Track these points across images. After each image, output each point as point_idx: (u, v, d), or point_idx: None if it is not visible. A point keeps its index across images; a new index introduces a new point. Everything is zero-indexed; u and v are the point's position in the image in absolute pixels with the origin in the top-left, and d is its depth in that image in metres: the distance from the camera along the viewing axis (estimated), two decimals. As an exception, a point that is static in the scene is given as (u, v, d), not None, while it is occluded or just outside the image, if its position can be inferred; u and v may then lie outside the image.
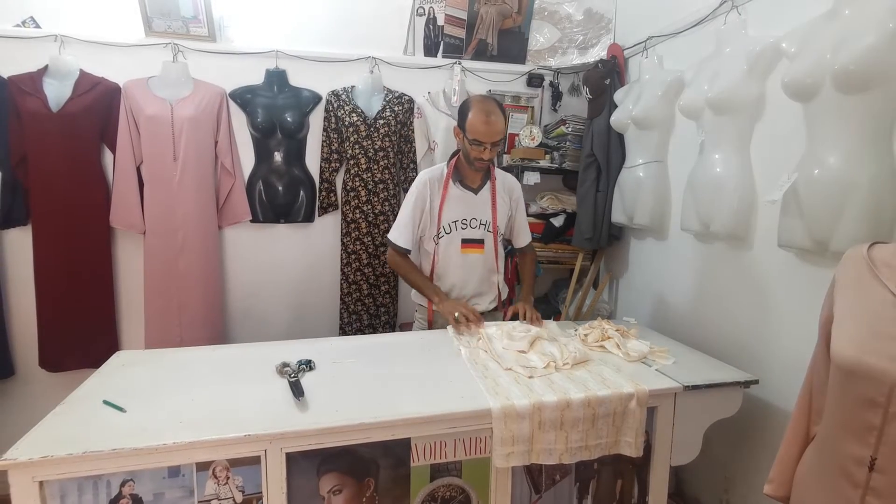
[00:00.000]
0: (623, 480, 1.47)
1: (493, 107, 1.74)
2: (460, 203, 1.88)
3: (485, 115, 1.71)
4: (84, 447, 1.04)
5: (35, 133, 2.16)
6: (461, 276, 1.91)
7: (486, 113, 1.71)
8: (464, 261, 1.90)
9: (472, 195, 1.89)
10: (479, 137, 1.72)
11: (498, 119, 1.73)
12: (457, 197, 1.87)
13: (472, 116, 1.72)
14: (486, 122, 1.71)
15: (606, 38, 2.73)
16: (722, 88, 1.72)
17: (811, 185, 1.40)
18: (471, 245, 1.90)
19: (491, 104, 1.75)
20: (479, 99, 1.78)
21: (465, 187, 1.88)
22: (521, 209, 2.04)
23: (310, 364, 1.49)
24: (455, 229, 1.88)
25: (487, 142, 1.73)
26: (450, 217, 1.87)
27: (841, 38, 1.33)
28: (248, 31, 2.47)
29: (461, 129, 1.78)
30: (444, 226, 1.87)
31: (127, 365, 1.49)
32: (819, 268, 1.51)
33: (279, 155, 2.49)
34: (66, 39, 2.25)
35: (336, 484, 1.22)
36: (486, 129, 1.71)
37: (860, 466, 0.86)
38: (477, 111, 1.72)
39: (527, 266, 2.11)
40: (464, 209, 1.88)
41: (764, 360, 1.70)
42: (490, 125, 1.71)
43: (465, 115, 1.74)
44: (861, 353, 0.87)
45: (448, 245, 1.89)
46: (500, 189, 1.94)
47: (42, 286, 2.24)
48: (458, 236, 1.88)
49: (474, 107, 1.73)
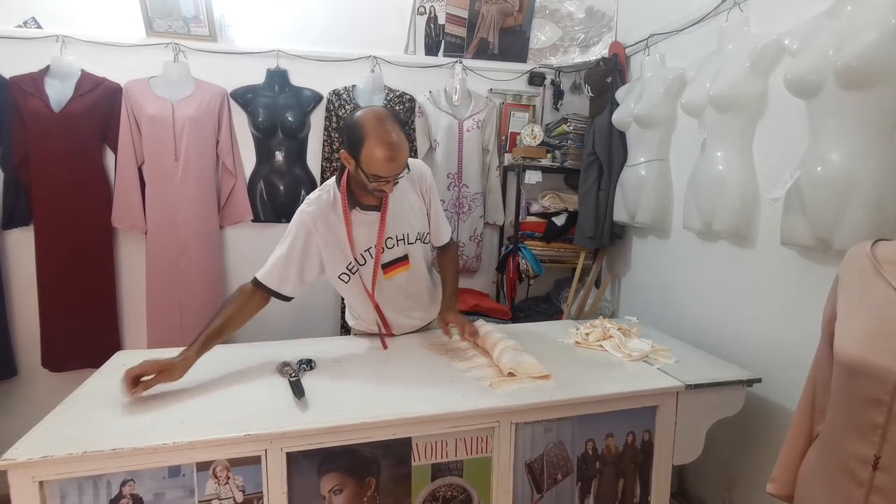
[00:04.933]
0: (625, 480, 1.47)
1: (394, 132, 1.36)
2: (366, 227, 1.54)
3: (386, 148, 1.34)
4: (84, 447, 1.04)
5: (37, 133, 2.16)
6: (397, 301, 1.67)
7: (387, 145, 1.34)
8: (392, 285, 1.63)
9: (377, 214, 1.54)
10: (380, 174, 1.37)
11: (401, 150, 1.37)
12: (361, 222, 1.53)
13: (369, 149, 1.34)
14: (388, 157, 1.34)
15: (608, 36, 2.72)
16: (724, 86, 1.71)
17: (814, 182, 1.39)
18: (393, 266, 1.60)
19: (390, 132, 1.35)
20: (375, 122, 1.35)
21: (367, 208, 1.53)
22: (436, 200, 1.68)
23: (310, 364, 1.49)
24: (369, 257, 1.56)
25: (388, 176, 1.39)
26: (360, 248, 1.54)
27: (843, 34, 1.33)
28: (248, 30, 2.47)
29: (352, 156, 1.38)
30: (358, 257, 1.54)
31: (127, 365, 1.48)
32: (822, 266, 1.50)
33: (280, 155, 2.49)
34: (67, 40, 2.25)
35: (337, 483, 1.22)
36: (387, 166, 1.36)
37: (864, 465, 0.86)
38: (375, 141, 1.33)
39: (450, 266, 1.79)
40: (370, 233, 1.54)
41: (767, 359, 1.69)
42: (394, 161, 1.35)
43: (359, 145, 1.35)
44: (865, 351, 0.86)
45: (369, 275, 1.57)
46: (407, 186, 1.60)
47: (44, 286, 2.25)
48: (373, 265, 1.57)
49: (371, 136, 1.34)
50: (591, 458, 1.43)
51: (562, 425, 1.38)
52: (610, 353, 1.65)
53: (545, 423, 1.36)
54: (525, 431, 1.34)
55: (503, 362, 1.46)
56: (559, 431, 1.38)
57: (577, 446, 1.41)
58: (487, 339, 1.62)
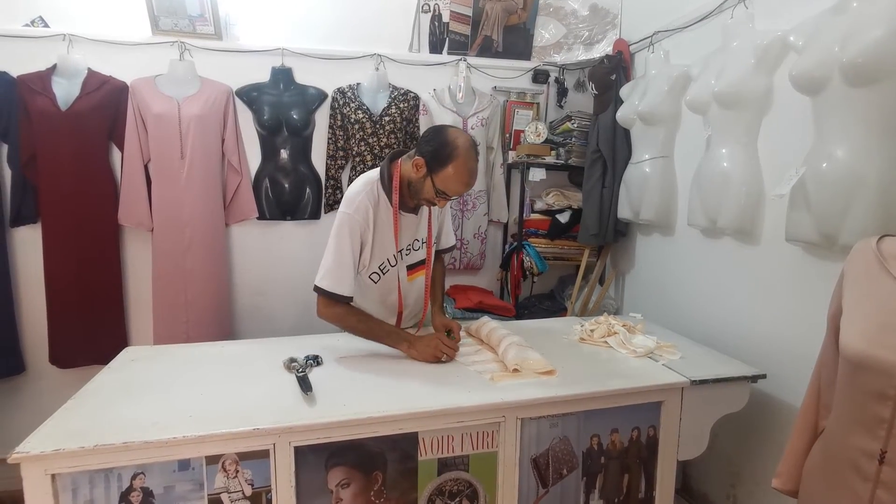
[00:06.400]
0: (630, 475, 1.48)
1: (476, 164, 1.48)
2: (406, 230, 1.64)
3: (469, 175, 1.46)
4: (95, 440, 1.05)
5: (44, 132, 2.17)
6: (410, 303, 1.75)
7: (470, 173, 1.46)
8: (412, 287, 1.72)
9: (414, 216, 1.65)
10: (450, 194, 1.48)
11: (475, 177, 1.50)
12: (403, 224, 1.62)
13: (455, 170, 1.43)
14: (467, 183, 1.47)
15: (612, 34, 2.72)
16: (729, 82, 1.71)
17: (819, 178, 1.39)
18: (416, 269, 1.70)
19: (475, 161, 1.48)
20: (468, 148, 1.45)
21: (407, 211, 1.62)
22: (446, 207, 1.79)
23: (317, 359, 1.50)
24: (401, 259, 1.66)
25: (454, 195, 1.51)
26: (400, 245, 1.64)
27: (849, 30, 1.32)
28: (253, 29, 2.47)
29: (430, 169, 1.45)
30: (390, 258, 1.63)
31: (136, 360, 1.51)
32: (827, 262, 1.50)
33: (285, 152, 2.50)
34: (74, 38, 2.26)
35: (344, 478, 1.23)
36: (461, 190, 1.49)
37: (870, 460, 0.86)
38: (462, 167, 1.43)
39: (441, 273, 1.87)
40: (409, 234, 1.65)
41: (771, 355, 1.69)
42: (468, 186, 1.48)
43: (445, 161, 1.43)
44: (870, 346, 0.87)
45: (395, 277, 1.66)
46: None
47: (52, 283, 2.26)
48: (403, 265, 1.67)
49: (460, 160, 1.43)
50: (596, 454, 1.43)
51: (567, 420, 1.38)
52: (615, 349, 1.66)
53: (551, 419, 1.36)
54: (531, 426, 1.35)
55: (508, 358, 1.47)
56: (564, 427, 1.39)
57: (583, 441, 1.42)
58: (493, 336, 1.63)
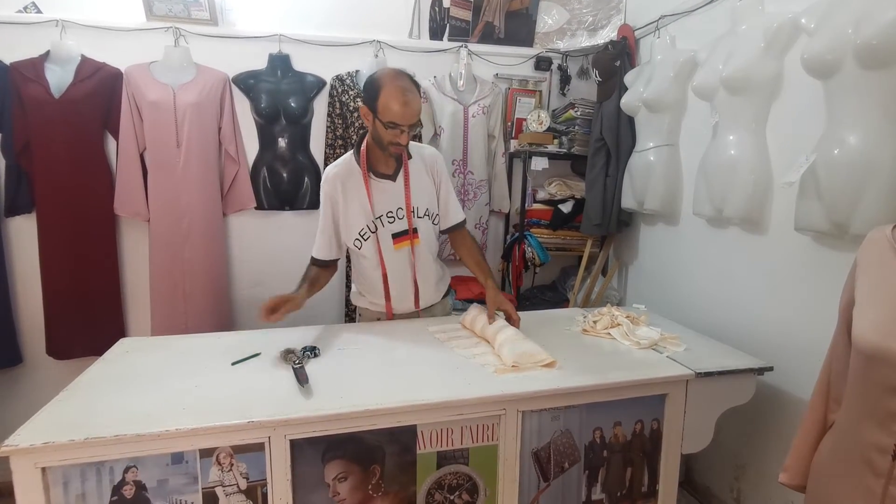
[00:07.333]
0: (633, 468, 1.45)
1: (408, 83, 1.52)
2: (382, 194, 1.64)
3: (400, 93, 1.48)
4: (86, 433, 1.03)
5: (38, 120, 2.14)
6: (402, 273, 1.71)
7: (401, 91, 1.48)
8: (399, 256, 1.68)
9: (391, 183, 1.65)
10: (396, 120, 1.48)
11: (415, 97, 1.51)
12: (376, 189, 1.63)
13: (386, 96, 1.48)
14: (402, 101, 1.47)
15: (616, 19, 2.66)
16: (737, 67, 1.67)
17: (831, 165, 1.35)
18: (403, 238, 1.67)
19: (405, 80, 1.52)
20: (392, 74, 1.52)
21: (381, 176, 1.64)
22: (447, 182, 1.76)
23: (314, 351, 1.47)
24: (382, 225, 1.65)
25: (405, 124, 1.50)
26: (377, 212, 1.64)
27: (863, 12, 1.28)
28: (250, 14, 2.43)
29: (371, 109, 1.52)
30: (369, 224, 1.64)
31: (131, 352, 1.48)
32: (837, 251, 1.47)
33: (283, 141, 2.46)
34: (67, 24, 2.22)
35: (341, 471, 1.21)
36: (402, 111, 1.48)
37: (883, 455, 0.84)
38: (391, 89, 1.48)
39: (469, 249, 1.83)
40: (387, 200, 1.64)
41: (778, 347, 1.66)
42: (407, 105, 1.48)
43: (376, 94, 1.49)
44: (884, 337, 0.84)
45: (377, 244, 1.66)
46: (419, 166, 1.69)
47: (48, 274, 2.24)
48: (387, 233, 1.65)
49: (387, 84, 1.49)
50: (598, 447, 1.41)
51: (569, 413, 1.36)
52: (618, 341, 1.63)
53: (552, 411, 1.34)
54: (532, 419, 1.32)
55: (504, 354, 1.43)
56: (566, 420, 1.36)
57: (585, 435, 1.39)
58: (487, 332, 1.59)
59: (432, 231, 1.75)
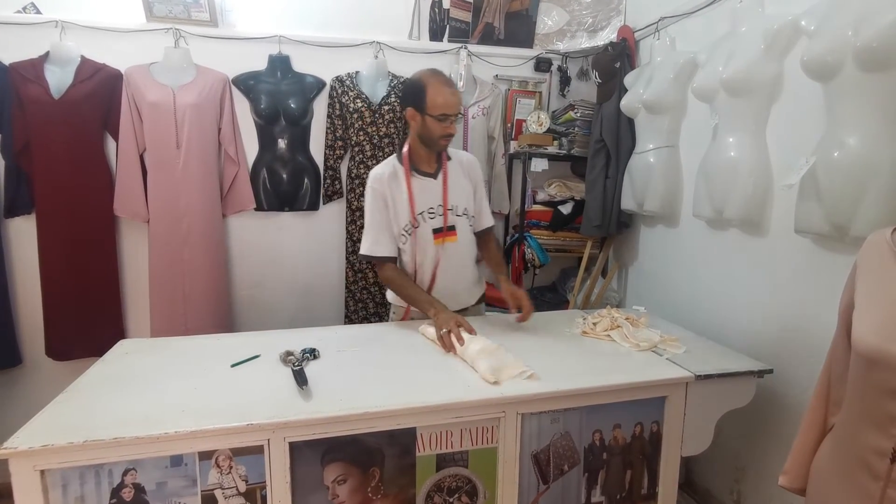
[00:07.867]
0: (633, 471, 1.45)
1: (446, 77, 1.67)
2: (423, 192, 1.73)
3: (445, 85, 1.63)
4: (85, 436, 1.03)
5: (37, 120, 2.13)
6: (442, 269, 1.77)
7: (445, 84, 1.63)
8: (440, 252, 1.76)
9: (432, 181, 1.75)
10: (447, 111, 1.61)
11: (456, 88, 1.68)
12: (419, 186, 1.73)
13: (434, 91, 1.61)
14: (449, 93, 1.62)
15: (616, 21, 2.66)
16: (737, 69, 1.66)
17: (831, 167, 1.35)
18: (442, 234, 1.76)
19: (443, 75, 1.67)
20: (430, 73, 1.66)
21: (423, 174, 1.74)
22: (481, 188, 1.88)
23: (314, 353, 1.47)
24: (424, 221, 1.73)
25: (454, 113, 1.63)
26: (418, 209, 1.73)
27: (863, 14, 1.28)
28: (250, 15, 2.43)
29: (418, 109, 1.64)
30: (412, 219, 1.73)
31: (130, 353, 1.48)
32: (837, 254, 1.46)
33: (283, 142, 2.46)
34: (66, 25, 2.22)
35: (341, 474, 1.21)
36: (450, 101, 1.62)
37: (882, 458, 0.83)
38: (436, 85, 1.62)
39: (492, 249, 1.95)
40: (428, 197, 1.74)
41: (778, 350, 1.66)
42: (454, 95, 1.63)
43: (422, 94, 1.62)
44: (884, 340, 0.83)
45: (421, 239, 1.74)
46: (458, 168, 1.79)
47: (47, 275, 2.24)
48: (428, 228, 1.74)
49: (431, 82, 1.63)
50: (598, 449, 1.41)
51: (569, 416, 1.36)
52: (618, 342, 1.63)
53: (552, 414, 1.34)
54: (531, 422, 1.32)
55: (482, 370, 1.36)
56: (566, 422, 1.36)
57: (585, 437, 1.39)
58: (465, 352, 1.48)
59: (469, 231, 1.83)
